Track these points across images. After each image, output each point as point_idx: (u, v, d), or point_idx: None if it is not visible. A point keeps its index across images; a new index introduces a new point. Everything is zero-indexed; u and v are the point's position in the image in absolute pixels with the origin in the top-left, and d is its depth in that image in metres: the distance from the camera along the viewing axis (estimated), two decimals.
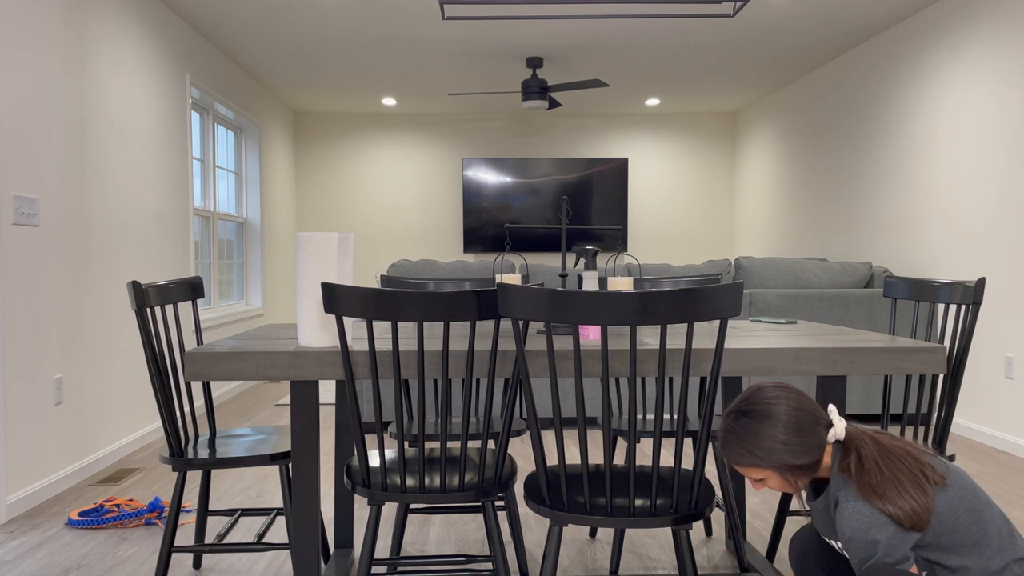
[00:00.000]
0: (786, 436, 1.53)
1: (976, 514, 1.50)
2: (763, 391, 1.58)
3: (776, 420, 1.54)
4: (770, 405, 1.55)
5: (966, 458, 4.00)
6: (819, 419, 1.56)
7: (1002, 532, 1.50)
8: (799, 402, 1.56)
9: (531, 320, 1.56)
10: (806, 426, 1.54)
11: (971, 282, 2.22)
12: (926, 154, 4.86)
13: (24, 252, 3.21)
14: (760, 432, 1.54)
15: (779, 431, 1.53)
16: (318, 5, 4.74)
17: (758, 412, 1.55)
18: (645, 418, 2.62)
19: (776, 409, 1.55)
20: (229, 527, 2.44)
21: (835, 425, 1.56)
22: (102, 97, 3.91)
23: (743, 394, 1.62)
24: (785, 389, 1.58)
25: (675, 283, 2.76)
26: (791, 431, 1.53)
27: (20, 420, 3.17)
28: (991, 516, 1.51)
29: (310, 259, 1.79)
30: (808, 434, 1.54)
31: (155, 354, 2.13)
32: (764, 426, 1.54)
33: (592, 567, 2.59)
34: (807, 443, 1.53)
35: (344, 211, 8.20)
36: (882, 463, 1.49)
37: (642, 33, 5.34)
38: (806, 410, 1.55)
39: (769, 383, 1.61)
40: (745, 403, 1.59)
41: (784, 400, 1.55)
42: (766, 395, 1.57)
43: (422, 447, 1.76)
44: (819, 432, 1.55)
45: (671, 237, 8.37)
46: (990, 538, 1.49)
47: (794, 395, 1.57)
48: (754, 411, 1.56)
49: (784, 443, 1.53)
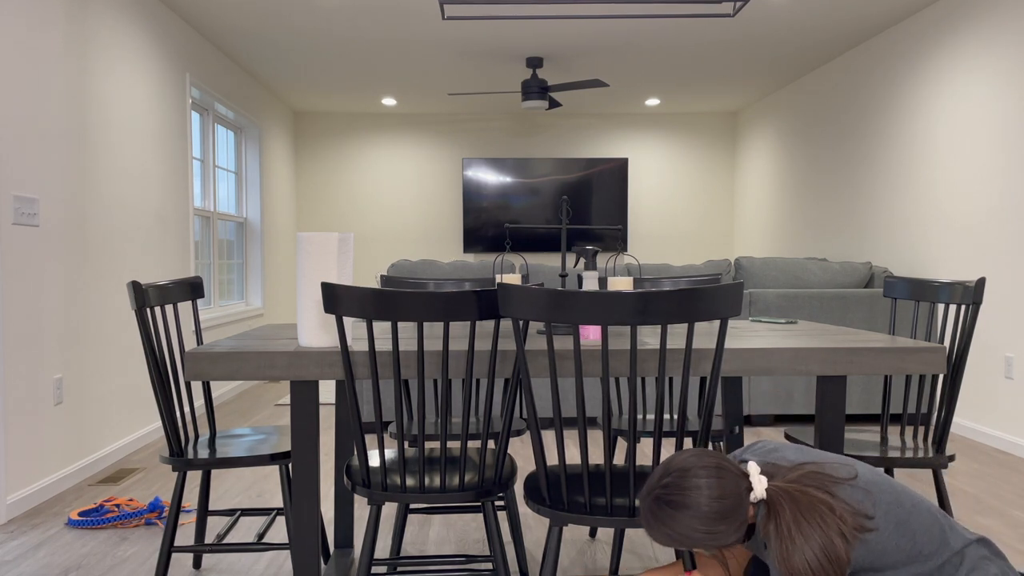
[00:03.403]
0: (708, 526, 1.47)
1: (903, 527, 1.47)
2: (684, 476, 1.50)
3: (696, 511, 1.47)
4: (689, 495, 1.48)
5: (966, 458, 4.00)
6: (741, 494, 1.49)
7: (932, 534, 1.48)
8: (721, 487, 1.48)
9: (531, 320, 1.56)
10: (729, 512, 1.48)
11: (971, 282, 2.22)
12: (926, 154, 4.86)
13: (24, 252, 3.21)
14: (680, 521, 1.48)
15: (700, 523, 1.47)
16: (318, 6, 4.74)
17: (677, 503, 1.48)
18: (645, 418, 2.62)
19: (696, 499, 1.47)
20: (229, 527, 2.44)
21: (754, 488, 1.50)
22: (102, 97, 3.91)
23: (663, 471, 1.53)
24: (707, 471, 1.49)
25: (675, 283, 2.76)
26: (714, 521, 1.47)
27: (20, 420, 3.17)
28: (919, 523, 1.48)
29: (310, 259, 1.79)
30: (731, 519, 1.48)
31: (155, 354, 2.13)
32: (684, 516, 1.48)
33: (592, 567, 2.59)
34: (731, 527, 1.48)
35: (344, 211, 8.20)
36: (795, 528, 1.44)
37: (642, 33, 5.34)
38: (728, 495, 1.48)
39: (691, 459, 1.52)
40: (664, 490, 1.50)
41: (705, 488, 1.47)
42: (686, 483, 1.49)
43: (422, 447, 1.76)
44: (742, 510, 1.49)
45: (671, 237, 8.38)
46: (920, 544, 1.46)
47: (715, 478, 1.48)
48: (673, 500, 1.49)
49: (707, 532, 1.47)
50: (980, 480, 3.61)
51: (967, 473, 3.73)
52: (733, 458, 1.62)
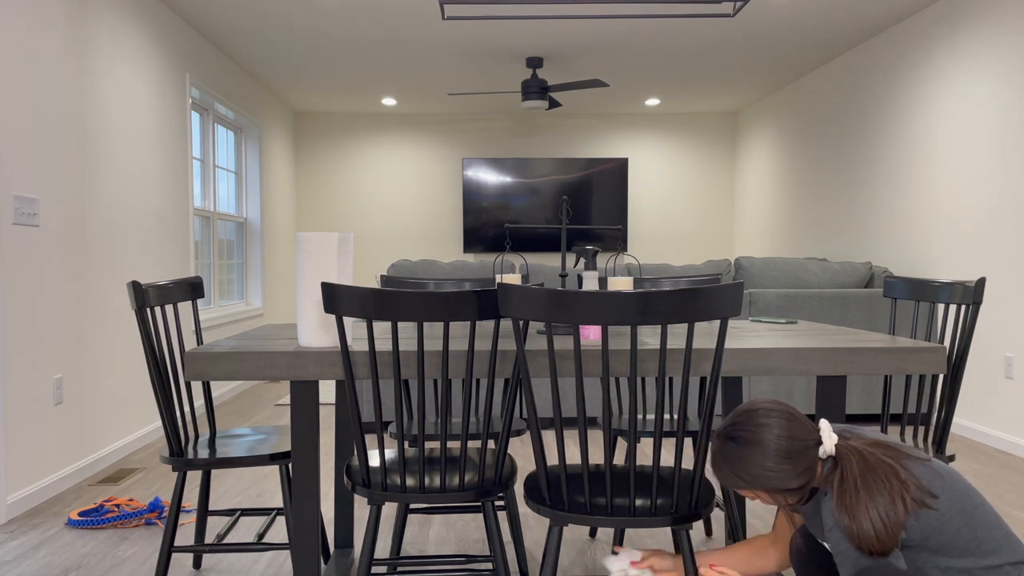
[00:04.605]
0: (775, 464, 1.50)
1: (967, 516, 1.49)
2: (754, 415, 1.54)
3: (765, 448, 1.51)
4: (759, 432, 1.52)
5: (966, 458, 4.00)
6: (809, 442, 1.53)
7: (995, 534, 1.49)
8: (790, 428, 1.52)
9: (531, 320, 1.56)
10: (796, 453, 1.51)
11: (971, 282, 2.22)
12: (926, 154, 4.86)
13: (24, 252, 3.21)
14: (749, 459, 1.51)
15: (768, 459, 1.50)
16: (318, 6, 4.74)
17: (747, 439, 1.52)
18: (645, 418, 2.62)
19: (766, 436, 1.51)
20: (229, 527, 2.44)
21: (824, 443, 1.54)
22: (102, 97, 3.91)
23: (734, 414, 1.58)
24: (776, 412, 1.54)
25: (675, 283, 2.76)
26: (780, 459, 1.50)
27: (20, 420, 3.17)
28: (983, 518, 1.50)
29: (310, 259, 1.79)
30: (798, 461, 1.51)
31: (155, 354, 2.13)
32: (753, 453, 1.51)
33: (592, 567, 2.59)
34: (796, 469, 1.51)
35: (344, 211, 8.20)
36: (860, 483, 1.48)
37: (642, 33, 5.34)
38: (796, 436, 1.52)
39: (761, 403, 1.56)
40: (734, 428, 1.55)
41: (776, 427, 1.52)
42: (756, 420, 1.53)
43: (422, 447, 1.76)
44: (809, 456, 1.52)
45: (671, 237, 8.37)
46: (980, 540, 1.48)
47: (785, 419, 1.53)
48: (742, 437, 1.53)
49: (774, 470, 1.51)
50: (980, 480, 3.61)
51: (967, 473, 3.73)
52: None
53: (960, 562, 1.48)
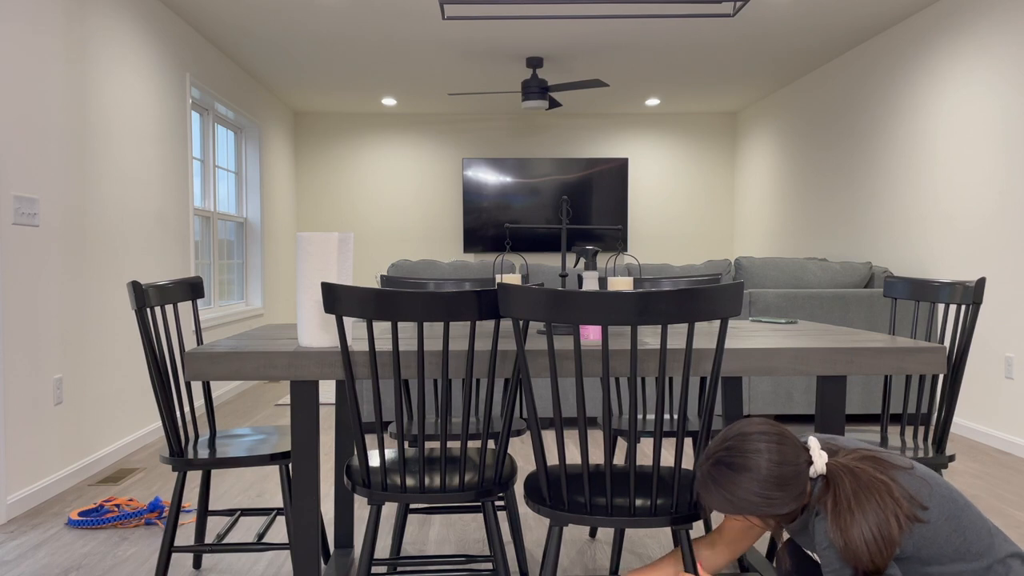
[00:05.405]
0: (766, 491, 1.47)
1: (955, 521, 1.48)
2: (745, 440, 1.50)
3: (756, 474, 1.47)
4: (750, 457, 1.48)
5: (966, 458, 4.00)
6: (801, 464, 1.50)
7: (981, 535, 1.49)
8: (781, 453, 1.49)
9: (531, 320, 1.56)
10: (788, 479, 1.48)
11: (971, 282, 2.22)
12: (926, 154, 4.86)
13: (24, 252, 3.21)
14: (739, 484, 1.48)
15: (759, 486, 1.47)
16: (318, 5, 4.74)
17: (738, 464, 1.48)
18: (645, 418, 2.62)
19: (757, 462, 1.47)
20: (229, 527, 2.44)
21: (815, 463, 1.52)
22: (102, 97, 3.91)
23: (724, 436, 1.54)
24: (768, 436, 1.50)
25: (675, 283, 2.76)
26: (771, 486, 1.47)
27: (20, 420, 3.17)
28: (969, 521, 1.49)
29: (310, 259, 1.79)
30: (791, 487, 1.48)
31: (155, 354, 2.13)
32: (743, 479, 1.48)
33: (592, 567, 2.59)
34: (788, 496, 1.48)
35: (344, 211, 8.20)
36: (854, 502, 1.45)
37: (642, 33, 5.34)
38: (788, 461, 1.48)
39: (754, 427, 1.53)
40: (725, 452, 1.51)
41: (766, 452, 1.48)
42: (747, 446, 1.49)
43: (422, 447, 1.76)
44: (801, 481, 1.49)
45: (671, 237, 8.37)
46: (969, 543, 1.47)
47: (776, 444, 1.49)
48: (734, 463, 1.49)
49: (764, 497, 1.47)
50: (980, 480, 3.61)
51: (967, 473, 3.73)
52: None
53: (951, 567, 1.47)
